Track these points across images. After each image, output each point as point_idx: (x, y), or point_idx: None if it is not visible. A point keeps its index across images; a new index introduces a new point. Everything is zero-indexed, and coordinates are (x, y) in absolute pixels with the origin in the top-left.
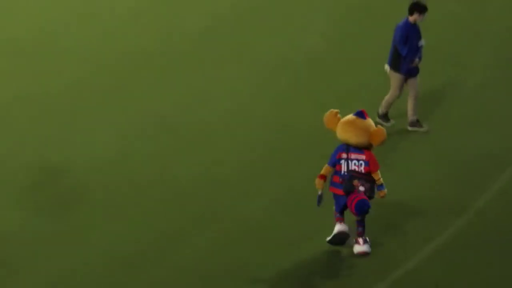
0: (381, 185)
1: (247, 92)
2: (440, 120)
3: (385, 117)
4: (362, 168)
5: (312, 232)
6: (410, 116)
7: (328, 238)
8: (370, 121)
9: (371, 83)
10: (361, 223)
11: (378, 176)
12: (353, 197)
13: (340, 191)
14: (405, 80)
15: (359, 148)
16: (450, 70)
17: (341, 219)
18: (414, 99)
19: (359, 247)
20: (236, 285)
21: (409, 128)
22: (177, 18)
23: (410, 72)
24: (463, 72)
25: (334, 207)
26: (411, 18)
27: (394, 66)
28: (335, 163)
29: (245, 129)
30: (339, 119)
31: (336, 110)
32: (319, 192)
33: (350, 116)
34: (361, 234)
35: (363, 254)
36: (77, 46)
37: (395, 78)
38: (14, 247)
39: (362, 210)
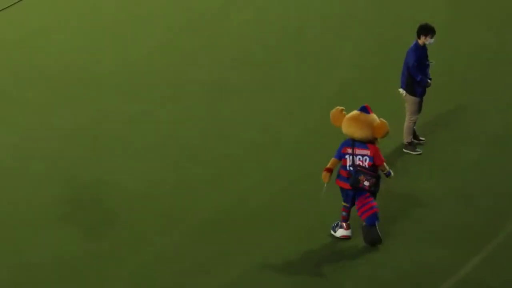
0: (388, 172)
1: (276, 124)
2: (475, 145)
3: (411, 145)
4: (366, 163)
5: (343, 266)
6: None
7: (332, 233)
8: (373, 116)
9: (401, 112)
10: (347, 209)
11: (384, 167)
12: (366, 208)
13: (346, 185)
14: (421, 102)
15: (364, 143)
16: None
17: (347, 223)
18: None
19: (344, 231)
20: None
21: (404, 150)
22: (205, 50)
23: (423, 94)
24: (489, 99)
25: (342, 201)
26: (420, 41)
27: (410, 90)
28: (341, 157)
29: (274, 160)
30: (344, 116)
31: (341, 107)
32: (325, 185)
33: (355, 112)
34: (346, 219)
35: (346, 238)
36: (106, 75)
37: (411, 102)
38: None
39: (372, 222)
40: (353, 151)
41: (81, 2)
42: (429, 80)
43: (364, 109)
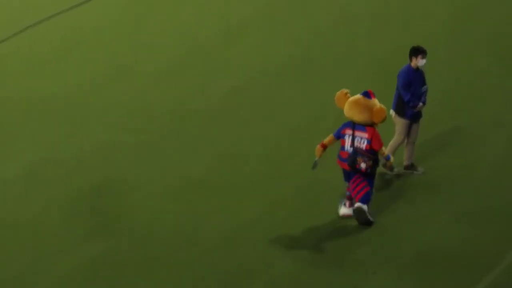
0: (387, 156)
1: (278, 152)
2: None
3: (411, 167)
4: (363, 146)
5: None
6: (406, 160)
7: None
8: (374, 101)
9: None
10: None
11: (382, 151)
12: (359, 188)
13: (345, 165)
14: (410, 125)
15: (363, 126)
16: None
17: (350, 202)
18: (412, 145)
19: (345, 210)
20: None
21: (403, 171)
22: (208, 78)
23: (414, 117)
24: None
25: (344, 180)
26: (412, 63)
27: (399, 111)
28: (339, 136)
29: (276, 189)
30: (348, 99)
31: (346, 90)
32: (316, 159)
33: (357, 96)
34: (350, 198)
35: (348, 217)
36: (107, 106)
37: (400, 123)
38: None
39: (364, 202)
40: (353, 132)
41: (82, 32)
42: (420, 104)
43: (366, 94)
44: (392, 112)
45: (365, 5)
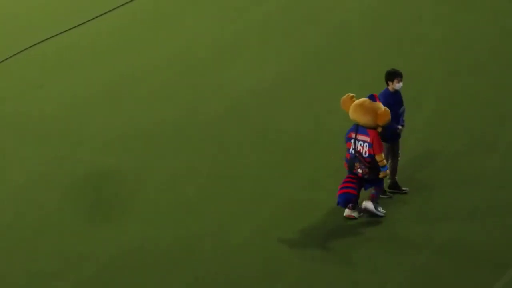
0: (384, 166)
1: (272, 172)
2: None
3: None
4: (366, 150)
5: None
6: (391, 178)
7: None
8: (379, 104)
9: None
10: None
11: (380, 158)
12: (343, 186)
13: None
14: (392, 147)
15: (365, 130)
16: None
17: (352, 205)
18: (395, 163)
19: (349, 211)
20: None
21: (388, 190)
22: (200, 99)
23: (393, 139)
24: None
25: None
26: (390, 87)
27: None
28: (347, 140)
29: (269, 208)
30: (353, 102)
31: (352, 94)
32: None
33: (362, 99)
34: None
35: (352, 218)
36: (99, 128)
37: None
38: None
39: (342, 203)
40: (356, 136)
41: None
42: (399, 127)
43: (372, 97)
44: None
45: (359, 23)
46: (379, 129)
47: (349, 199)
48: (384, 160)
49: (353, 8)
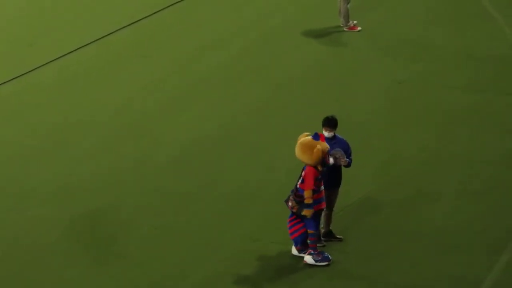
0: (308, 205)
1: (219, 222)
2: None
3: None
4: (298, 184)
5: None
6: (324, 227)
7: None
8: (318, 143)
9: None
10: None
11: (307, 194)
12: (294, 229)
13: None
14: (329, 196)
15: (306, 166)
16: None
17: (298, 247)
18: (331, 211)
19: (295, 251)
20: None
21: (323, 239)
22: (144, 149)
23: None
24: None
25: None
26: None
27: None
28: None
29: (215, 263)
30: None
31: (307, 133)
32: None
33: (308, 137)
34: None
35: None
36: (42, 180)
37: None
38: None
39: (301, 243)
40: (301, 172)
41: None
42: (331, 159)
43: (315, 136)
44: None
45: (302, 76)
46: (319, 167)
47: (297, 242)
48: (310, 199)
49: (296, 61)
